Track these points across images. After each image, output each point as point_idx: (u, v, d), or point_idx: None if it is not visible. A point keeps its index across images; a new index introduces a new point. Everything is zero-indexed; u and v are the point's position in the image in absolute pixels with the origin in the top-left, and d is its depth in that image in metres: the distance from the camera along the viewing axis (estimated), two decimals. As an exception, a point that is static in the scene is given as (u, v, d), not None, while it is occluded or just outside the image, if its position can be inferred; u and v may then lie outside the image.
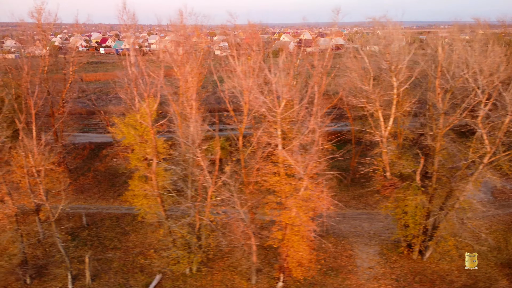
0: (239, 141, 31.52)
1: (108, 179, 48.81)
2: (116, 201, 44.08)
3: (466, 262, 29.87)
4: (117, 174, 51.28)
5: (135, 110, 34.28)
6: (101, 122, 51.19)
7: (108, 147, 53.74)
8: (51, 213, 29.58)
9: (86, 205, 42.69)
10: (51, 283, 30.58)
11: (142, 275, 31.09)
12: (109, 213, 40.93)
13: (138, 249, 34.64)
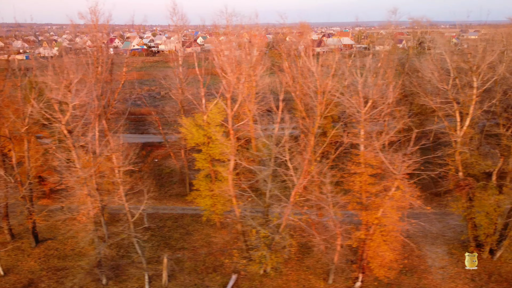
0: (310, 141, 31.60)
1: (156, 180, 48.78)
2: (169, 201, 44.17)
3: (466, 262, 29.96)
4: (162, 175, 51.40)
5: (202, 110, 34.35)
6: (150, 123, 51.18)
7: (156, 148, 53.90)
8: (130, 213, 29.67)
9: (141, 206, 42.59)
10: (126, 284, 30.61)
11: (217, 275, 31.11)
12: (166, 213, 40.94)
13: (206, 250, 34.63)
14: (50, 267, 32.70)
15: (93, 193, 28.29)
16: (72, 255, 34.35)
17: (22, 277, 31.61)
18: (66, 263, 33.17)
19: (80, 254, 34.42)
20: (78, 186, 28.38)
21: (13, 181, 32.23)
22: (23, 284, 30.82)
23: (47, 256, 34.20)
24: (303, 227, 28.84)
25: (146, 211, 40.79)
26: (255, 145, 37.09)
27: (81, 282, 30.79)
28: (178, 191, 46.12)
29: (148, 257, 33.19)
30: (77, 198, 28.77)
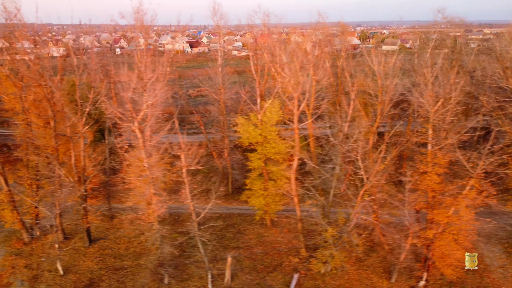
0: (370, 140, 31.55)
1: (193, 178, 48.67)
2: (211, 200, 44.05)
3: (466, 262, 29.72)
4: (202, 174, 51.30)
5: (257, 110, 34.32)
6: (192, 122, 51.15)
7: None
8: (194, 213, 29.69)
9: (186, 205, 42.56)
10: (188, 283, 30.60)
11: (278, 274, 31.10)
12: (214, 213, 40.77)
13: (261, 249, 34.63)
14: (108, 267, 32.70)
15: (160, 193, 28.27)
16: (128, 254, 34.34)
17: (82, 277, 31.60)
18: (124, 263, 33.16)
19: (135, 253, 34.44)
20: (145, 185, 28.42)
21: (72, 180, 32.24)
22: (84, 284, 30.83)
23: (102, 255, 34.19)
24: (371, 226, 28.82)
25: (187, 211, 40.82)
26: (313, 144, 37.05)
27: (142, 281, 30.79)
28: (220, 191, 45.98)
29: (201, 256, 33.23)
30: (142, 197, 28.82)
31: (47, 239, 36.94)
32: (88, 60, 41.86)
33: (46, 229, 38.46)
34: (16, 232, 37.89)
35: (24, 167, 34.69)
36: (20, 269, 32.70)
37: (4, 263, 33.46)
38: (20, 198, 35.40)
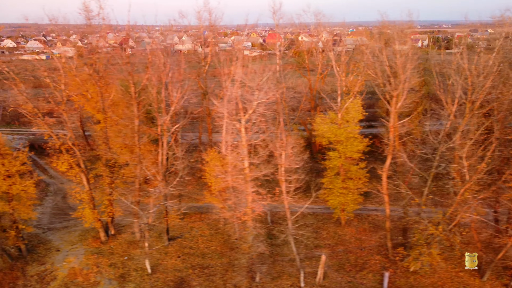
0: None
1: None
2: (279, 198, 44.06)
3: (466, 262, 29.90)
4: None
5: (337, 108, 34.34)
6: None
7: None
8: (289, 211, 29.76)
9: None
10: (279, 281, 30.64)
11: (368, 273, 31.16)
12: (282, 211, 40.83)
13: (342, 247, 34.71)
14: (194, 265, 32.73)
15: (260, 191, 28.32)
16: (210, 253, 34.37)
17: (170, 275, 31.63)
18: (208, 261, 33.19)
19: (217, 252, 34.49)
20: (243, 184, 28.48)
21: (160, 179, 32.25)
22: (175, 282, 30.86)
23: (184, 254, 34.21)
24: (469, 224, 28.89)
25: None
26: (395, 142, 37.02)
27: (232, 279, 30.82)
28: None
29: (288, 254, 33.31)
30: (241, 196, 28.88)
31: (122, 238, 36.98)
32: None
33: (121, 228, 38.55)
34: (90, 231, 37.92)
35: (105, 166, 34.66)
36: (105, 268, 32.71)
37: (88, 262, 33.48)
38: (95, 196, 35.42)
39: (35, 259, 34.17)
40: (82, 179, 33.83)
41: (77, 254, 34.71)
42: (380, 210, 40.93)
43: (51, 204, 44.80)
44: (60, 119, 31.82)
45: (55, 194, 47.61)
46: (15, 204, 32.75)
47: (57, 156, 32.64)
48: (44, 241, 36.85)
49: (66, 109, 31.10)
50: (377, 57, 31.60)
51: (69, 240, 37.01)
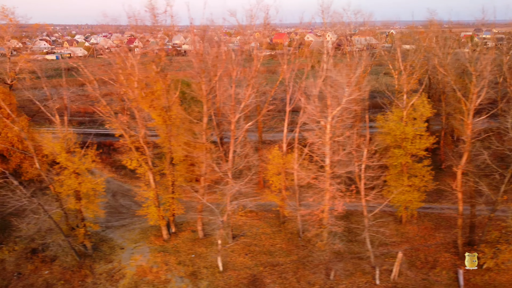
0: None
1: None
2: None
3: (466, 262, 30.01)
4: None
5: (402, 106, 34.30)
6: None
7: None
8: (366, 208, 29.74)
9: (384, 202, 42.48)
10: (353, 278, 30.62)
11: (441, 270, 31.13)
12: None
13: (408, 245, 34.71)
14: (263, 263, 32.71)
15: (341, 189, 28.30)
16: (276, 250, 34.35)
17: (242, 273, 31.61)
18: (277, 259, 33.17)
19: (283, 250, 34.46)
20: (326, 182, 28.46)
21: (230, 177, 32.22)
22: (248, 280, 30.84)
23: (251, 252, 34.18)
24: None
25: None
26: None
27: (306, 277, 30.80)
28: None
29: (355, 252, 33.33)
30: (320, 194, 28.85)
31: (184, 236, 36.96)
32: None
33: (179, 226, 38.53)
34: (150, 229, 37.93)
35: (169, 164, 34.64)
36: (174, 266, 32.70)
37: (155, 260, 33.46)
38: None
39: (101, 257, 34.16)
40: (149, 177, 33.80)
41: (142, 252, 34.68)
42: (435, 208, 41.00)
43: (103, 203, 44.71)
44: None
45: (105, 193, 47.60)
46: (84, 202, 32.77)
47: (127, 154, 32.67)
48: (106, 239, 36.84)
49: (137, 107, 31.05)
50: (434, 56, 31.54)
51: (130, 238, 36.99)
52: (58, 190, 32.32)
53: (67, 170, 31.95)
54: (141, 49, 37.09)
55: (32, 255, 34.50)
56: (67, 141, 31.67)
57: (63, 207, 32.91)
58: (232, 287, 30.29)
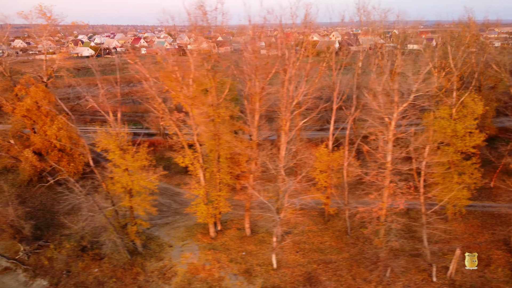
0: None
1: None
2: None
3: (466, 262, 30.07)
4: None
5: (452, 103, 34.25)
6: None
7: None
8: (424, 205, 29.69)
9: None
10: (409, 276, 30.57)
11: (496, 267, 31.08)
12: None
13: (457, 242, 34.65)
14: (315, 260, 32.69)
15: (401, 186, 28.22)
16: (327, 248, 34.33)
17: (296, 270, 31.58)
18: (328, 256, 33.17)
19: (333, 247, 34.43)
20: (386, 179, 28.41)
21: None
22: (303, 277, 30.81)
23: (301, 249, 34.18)
24: None
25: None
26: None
27: (361, 274, 30.77)
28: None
29: (409, 250, 33.28)
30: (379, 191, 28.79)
31: (230, 233, 36.93)
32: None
33: (223, 224, 38.49)
34: (194, 227, 37.95)
35: (217, 162, 34.59)
36: (226, 263, 32.66)
37: (206, 258, 33.44)
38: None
39: (151, 255, 34.14)
40: (199, 174, 33.75)
41: (191, 249, 34.65)
42: (477, 206, 40.94)
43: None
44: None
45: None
46: (137, 199, 32.71)
47: (179, 152, 32.65)
48: (153, 237, 36.81)
49: (195, 104, 30.99)
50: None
51: (176, 236, 36.95)
52: (111, 188, 32.27)
53: (119, 168, 31.92)
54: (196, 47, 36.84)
55: (82, 253, 34.45)
56: (121, 138, 31.61)
57: (114, 205, 32.87)
58: (288, 284, 30.26)
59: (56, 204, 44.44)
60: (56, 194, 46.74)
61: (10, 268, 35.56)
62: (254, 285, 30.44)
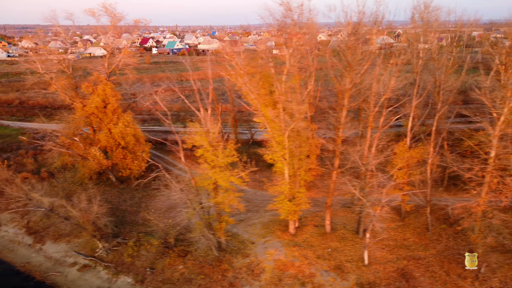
0: None
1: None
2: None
3: (466, 262, 30.06)
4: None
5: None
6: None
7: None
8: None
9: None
10: (503, 272, 30.51)
11: None
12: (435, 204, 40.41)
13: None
14: (405, 257, 32.66)
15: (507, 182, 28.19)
16: (412, 244, 34.27)
17: (388, 267, 31.59)
18: (415, 253, 33.13)
19: (417, 243, 34.37)
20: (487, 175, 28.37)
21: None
22: (397, 273, 30.82)
23: (386, 246, 34.13)
24: None
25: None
26: None
27: (454, 270, 30.73)
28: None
29: (504, 245, 33.20)
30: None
31: (309, 230, 36.90)
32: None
33: (301, 221, 38.44)
34: (271, 223, 37.96)
35: (298, 159, 34.57)
36: (314, 260, 32.67)
37: (293, 254, 33.43)
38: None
39: (236, 252, 34.15)
40: (285, 171, 33.71)
41: (275, 246, 34.65)
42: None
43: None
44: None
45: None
46: (225, 196, 32.67)
47: (268, 148, 32.67)
48: (232, 234, 36.78)
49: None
50: None
51: (255, 233, 36.95)
52: (200, 185, 32.24)
53: (207, 164, 31.89)
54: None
55: (168, 250, 34.42)
56: (212, 135, 31.57)
57: (201, 202, 32.83)
58: (383, 280, 30.27)
59: (122, 202, 44.50)
60: (119, 192, 46.82)
61: (89, 265, 35.63)
62: (347, 282, 30.44)
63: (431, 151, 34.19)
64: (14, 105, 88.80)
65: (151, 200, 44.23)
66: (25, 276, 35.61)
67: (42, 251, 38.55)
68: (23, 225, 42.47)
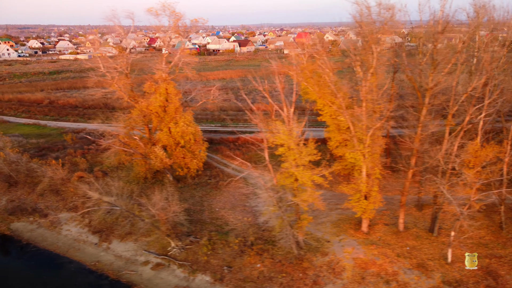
0: None
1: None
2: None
3: (466, 262, 30.15)
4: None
5: None
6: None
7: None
8: None
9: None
10: None
11: None
12: None
13: None
14: (485, 255, 32.64)
15: None
16: (488, 243, 34.21)
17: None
18: (494, 251, 33.09)
19: (493, 242, 34.35)
20: None
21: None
22: (482, 271, 30.78)
23: (463, 244, 34.14)
24: None
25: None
26: None
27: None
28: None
29: None
30: None
31: (380, 229, 36.93)
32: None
33: (373, 219, 38.44)
34: (341, 222, 38.06)
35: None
36: (395, 258, 32.71)
37: (372, 253, 33.47)
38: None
39: (315, 250, 34.21)
40: (363, 169, 33.77)
41: (351, 244, 34.70)
42: None
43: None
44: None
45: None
46: (306, 194, 32.72)
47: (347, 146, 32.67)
48: (306, 233, 36.79)
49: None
50: None
51: (327, 231, 37.02)
52: (282, 183, 32.32)
53: (288, 163, 31.97)
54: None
55: (246, 248, 34.49)
56: (295, 134, 31.64)
57: (281, 200, 32.88)
58: (470, 278, 30.30)
59: (183, 201, 44.49)
60: (178, 191, 46.86)
61: (162, 264, 35.71)
62: (433, 279, 30.49)
63: (507, 149, 34.22)
64: (44, 105, 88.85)
65: (212, 199, 44.28)
66: (98, 275, 35.73)
67: (110, 250, 38.64)
68: (85, 224, 42.55)
